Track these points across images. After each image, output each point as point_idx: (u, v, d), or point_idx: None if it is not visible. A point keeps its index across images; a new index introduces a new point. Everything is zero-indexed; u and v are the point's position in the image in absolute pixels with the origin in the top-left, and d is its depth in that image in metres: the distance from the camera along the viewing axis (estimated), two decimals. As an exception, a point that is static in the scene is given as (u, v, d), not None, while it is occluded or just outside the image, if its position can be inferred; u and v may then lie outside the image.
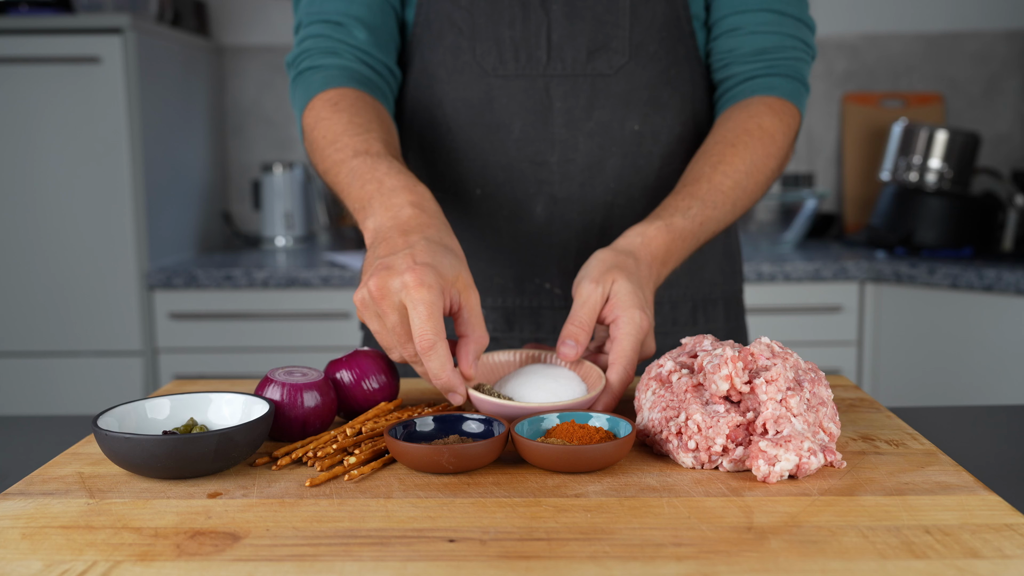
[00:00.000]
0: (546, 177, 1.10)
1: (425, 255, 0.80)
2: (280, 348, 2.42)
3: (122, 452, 0.72)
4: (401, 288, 0.78)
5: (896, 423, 0.87)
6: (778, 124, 1.06)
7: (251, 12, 2.94)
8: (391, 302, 0.79)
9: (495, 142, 1.10)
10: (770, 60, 1.09)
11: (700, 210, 0.99)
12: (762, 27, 1.09)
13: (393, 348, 0.83)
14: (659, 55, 1.09)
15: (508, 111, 1.09)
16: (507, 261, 1.13)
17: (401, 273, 0.79)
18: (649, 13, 1.08)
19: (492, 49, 1.08)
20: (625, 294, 0.88)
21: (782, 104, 1.08)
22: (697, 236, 1.00)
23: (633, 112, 1.09)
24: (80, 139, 2.33)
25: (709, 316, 1.19)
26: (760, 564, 0.58)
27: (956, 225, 2.45)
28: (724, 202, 1.01)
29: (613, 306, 0.89)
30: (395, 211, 0.87)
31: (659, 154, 1.11)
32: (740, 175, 1.02)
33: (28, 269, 2.37)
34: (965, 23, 2.84)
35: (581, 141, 1.09)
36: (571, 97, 1.08)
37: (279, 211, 2.81)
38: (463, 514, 0.66)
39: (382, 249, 0.83)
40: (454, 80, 1.10)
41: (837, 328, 2.37)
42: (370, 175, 0.92)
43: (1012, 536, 0.62)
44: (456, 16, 1.08)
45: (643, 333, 0.88)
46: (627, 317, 0.87)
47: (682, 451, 0.76)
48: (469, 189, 1.12)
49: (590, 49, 1.08)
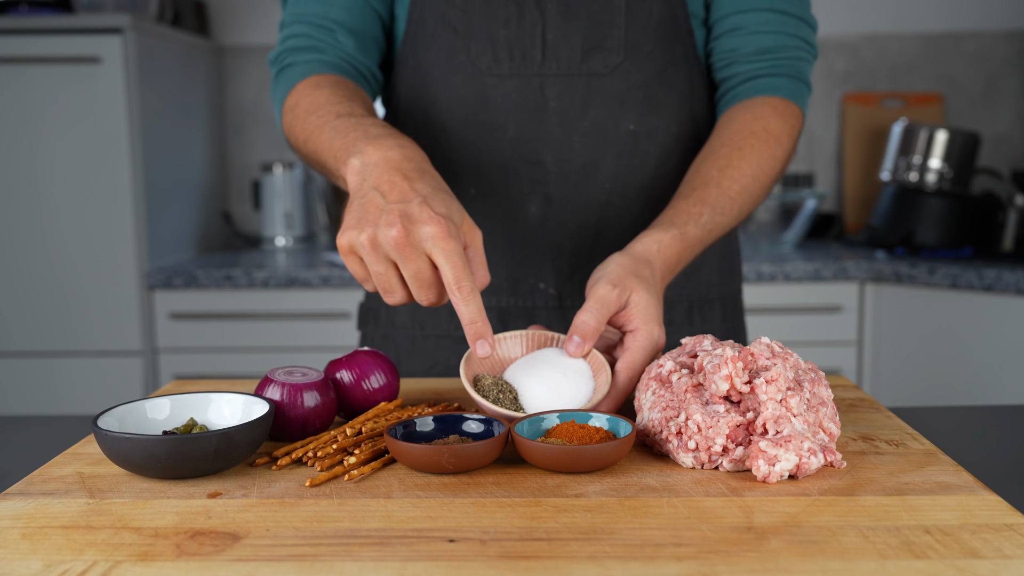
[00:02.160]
0: (541, 177, 1.10)
1: (440, 204, 0.81)
2: (280, 348, 2.42)
3: (122, 452, 0.72)
4: (428, 239, 0.79)
5: (896, 423, 0.87)
6: (783, 126, 1.06)
7: (251, 12, 2.94)
8: (416, 250, 0.79)
9: (490, 142, 1.09)
10: (773, 60, 1.09)
11: (711, 217, 1.00)
12: (765, 26, 1.08)
13: (394, 291, 0.82)
14: (655, 54, 1.09)
15: (503, 111, 1.08)
16: (501, 261, 1.13)
17: (424, 223, 0.79)
18: (645, 12, 1.07)
19: (487, 48, 1.08)
20: (645, 307, 0.89)
21: (786, 105, 1.08)
22: (704, 243, 1.01)
23: (629, 112, 1.09)
24: (80, 139, 2.33)
25: (705, 317, 1.19)
26: (760, 564, 0.58)
27: (956, 225, 2.45)
28: (731, 208, 1.02)
29: (632, 316, 0.89)
30: (384, 151, 0.85)
31: (655, 154, 1.11)
32: (747, 179, 1.02)
33: (28, 269, 2.37)
34: (965, 23, 2.84)
35: (576, 141, 1.09)
36: (566, 96, 1.08)
37: (279, 211, 2.81)
38: (463, 514, 0.66)
39: (389, 192, 0.81)
40: (448, 79, 1.09)
41: (837, 328, 2.37)
42: (354, 127, 0.91)
43: (1012, 536, 0.62)
44: (450, 15, 1.08)
45: (657, 350, 0.89)
46: (646, 331, 0.88)
47: (682, 451, 0.76)
48: (463, 189, 1.12)
49: (585, 48, 1.07)
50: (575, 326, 0.87)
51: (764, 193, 1.06)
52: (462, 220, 0.83)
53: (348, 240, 0.81)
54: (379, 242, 0.80)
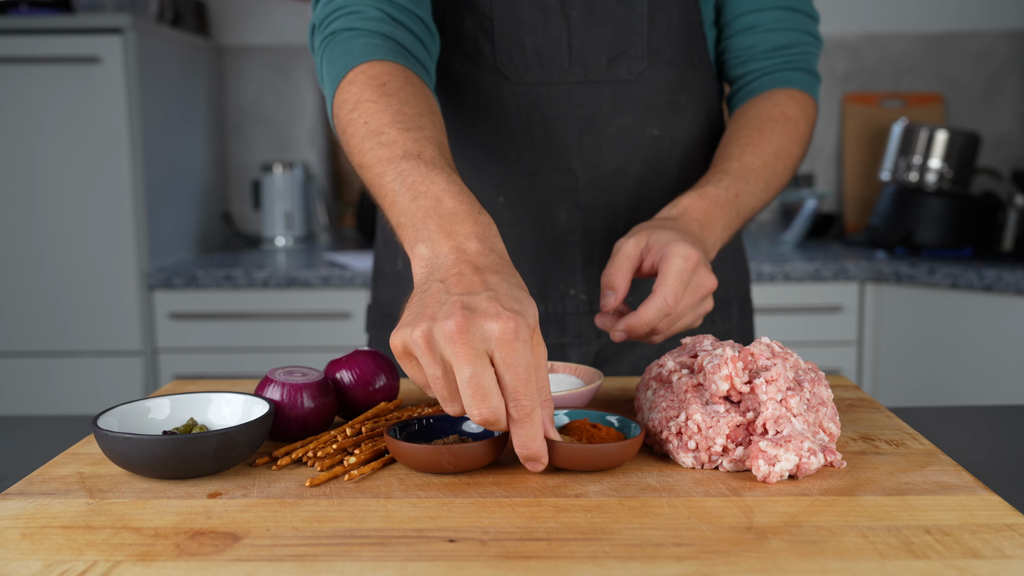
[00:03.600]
0: (570, 184, 1.10)
1: (511, 300, 0.69)
2: (280, 348, 2.42)
3: (122, 452, 0.72)
4: (491, 338, 0.67)
5: (896, 423, 0.87)
6: (800, 112, 1.09)
7: (251, 12, 2.94)
8: (474, 350, 0.66)
9: (518, 149, 1.09)
10: (788, 56, 1.12)
11: (732, 183, 1.00)
12: (779, 24, 1.11)
13: (453, 400, 0.70)
14: (676, 60, 1.10)
15: (530, 118, 1.08)
16: (531, 268, 1.12)
17: (489, 318, 0.67)
18: (666, 19, 1.08)
19: (513, 56, 1.07)
20: (667, 238, 0.88)
21: (801, 95, 1.11)
22: (735, 207, 1.00)
23: (652, 117, 1.10)
24: (80, 139, 2.33)
25: (725, 316, 1.20)
26: (760, 564, 0.58)
27: (956, 225, 2.45)
28: (756, 180, 1.02)
29: (655, 250, 0.88)
30: (458, 241, 0.74)
31: (678, 158, 1.12)
32: (768, 156, 1.04)
33: (28, 269, 2.37)
34: (965, 23, 2.84)
35: (604, 148, 1.09)
36: (593, 103, 1.08)
37: (279, 211, 2.81)
38: (463, 514, 0.66)
39: (455, 284, 0.70)
40: (474, 86, 1.08)
41: (837, 328, 2.37)
42: (424, 187, 0.79)
43: (1012, 536, 0.62)
44: (475, 21, 1.07)
45: (691, 263, 0.86)
46: (672, 250, 0.86)
47: (682, 451, 0.76)
48: (492, 197, 1.11)
49: (610, 55, 1.07)
50: (603, 282, 0.89)
51: (788, 173, 1.07)
52: (536, 324, 0.70)
53: (401, 339, 0.69)
54: (434, 339, 0.67)
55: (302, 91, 2.96)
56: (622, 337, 0.89)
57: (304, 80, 2.96)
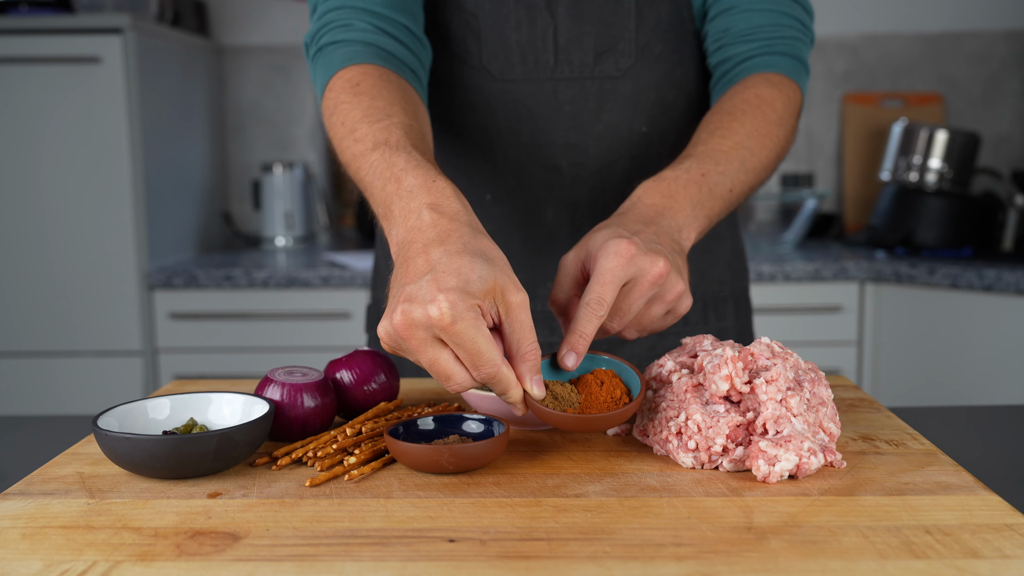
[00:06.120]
0: (557, 182, 1.09)
1: (449, 277, 0.70)
2: (280, 348, 2.42)
3: (122, 452, 0.72)
4: (431, 325, 0.69)
5: (896, 423, 0.87)
6: (776, 94, 1.02)
7: (251, 12, 2.94)
8: (421, 339, 0.70)
9: (504, 147, 1.09)
10: (766, 39, 1.06)
11: (695, 163, 0.93)
12: (756, 5, 1.06)
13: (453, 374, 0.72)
14: (664, 56, 1.08)
15: (517, 115, 1.08)
16: (519, 266, 1.12)
17: (427, 304, 0.69)
18: (654, 14, 1.07)
19: (498, 53, 1.06)
20: (602, 239, 0.80)
21: (780, 78, 1.04)
22: (703, 186, 0.91)
23: (641, 114, 1.09)
24: (80, 139, 2.33)
25: (720, 314, 1.19)
26: (760, 564, 0.58)
27: (956, 225, 2.45)
28: (727, 159, 0.94)
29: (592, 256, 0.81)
30: (413, 219, 0.76)
31: (667, 155, 1.11)
32: (740, 136, 0.97)
33: (28, 269, 2.37)
34: (965, 23, 2.84)
35: (591, 144, 1.08)
36: (580, 100, 1.07)
37: (279, 211, 2.81)
38: (463, 514, 0.66)
39: (403, 274, 0.73)
40: (461, 85, 1.08)
41: (837, 328, 2.37)
42: (389, 172, 0.81)
43: (1012, 536, 0.62)
44: (461, 19, 1.07)
45: (622, 258, 0.78)
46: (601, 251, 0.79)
47: (682, 451, 0.76)
48: (479, 195, 1.11)
49: (597, 51, 1.06)
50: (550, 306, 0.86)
51: (769, 153, 0.99)
52: (489, 287, 0.71)
53: (379, 335, 0.74)
54: (393, 336, 0.72)
55: (302, 91, 2.96)
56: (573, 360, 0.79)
57: (304, 80, 2.96)
